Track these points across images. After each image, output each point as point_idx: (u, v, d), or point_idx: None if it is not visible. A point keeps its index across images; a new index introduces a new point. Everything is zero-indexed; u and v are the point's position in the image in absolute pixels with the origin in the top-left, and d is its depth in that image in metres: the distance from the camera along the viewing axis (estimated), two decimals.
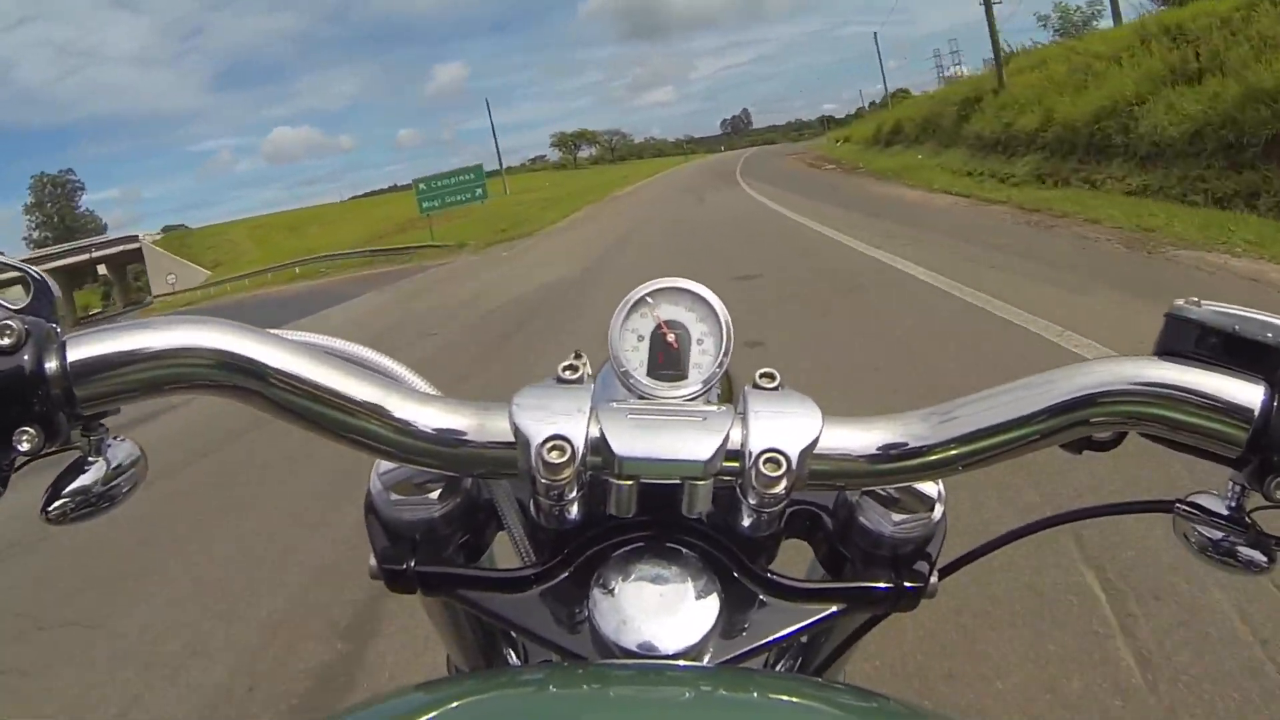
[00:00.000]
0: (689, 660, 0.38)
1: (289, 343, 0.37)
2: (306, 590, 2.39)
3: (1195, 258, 5.07)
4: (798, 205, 12.37)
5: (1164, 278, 4.67)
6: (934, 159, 16.09)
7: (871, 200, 11.87)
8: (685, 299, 0.41)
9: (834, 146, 36.38)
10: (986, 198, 9.96)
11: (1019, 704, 1.50)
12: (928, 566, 0.42)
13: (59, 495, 0.37)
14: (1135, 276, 4.74)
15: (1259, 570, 0.38)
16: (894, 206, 10.46)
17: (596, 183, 39.36)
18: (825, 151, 34.73)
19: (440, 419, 0.37)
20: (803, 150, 44.81)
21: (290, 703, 1.85)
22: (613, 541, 0.41)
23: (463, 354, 5.76)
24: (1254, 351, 0.36)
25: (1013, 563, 1.85)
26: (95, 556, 2.86)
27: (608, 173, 56.43)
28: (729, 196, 17.60)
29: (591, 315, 6.07)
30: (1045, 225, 7.21)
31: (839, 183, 17.15)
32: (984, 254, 6.00)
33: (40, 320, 0.35)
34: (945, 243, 6.80)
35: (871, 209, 10.11)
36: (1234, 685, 1.46)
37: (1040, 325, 3.83)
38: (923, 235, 7.43)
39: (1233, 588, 1.67)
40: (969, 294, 4.69)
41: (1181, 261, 5.04)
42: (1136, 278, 4.70)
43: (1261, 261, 4.81)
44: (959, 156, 14.74)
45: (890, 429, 0.38)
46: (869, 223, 8.76)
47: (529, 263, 12.01)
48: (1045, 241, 6.40)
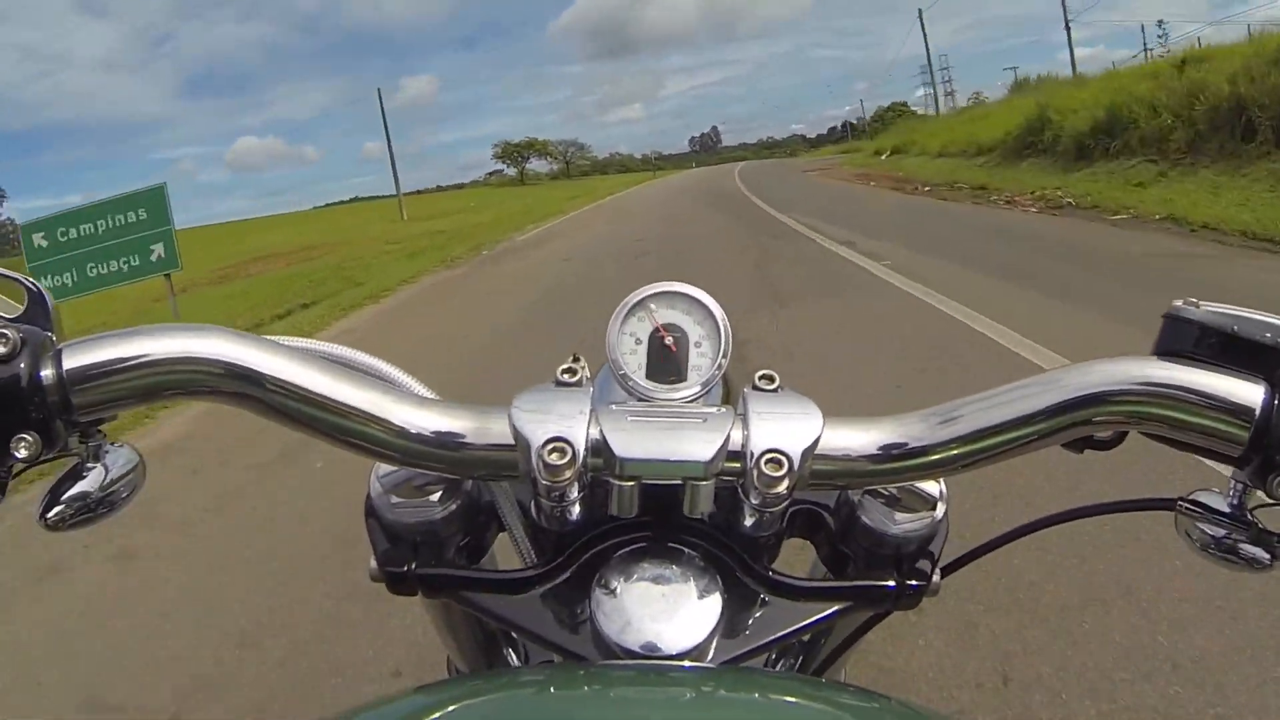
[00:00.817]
0: (691, 660, 0.38)
1: (286, 349, 0.38)
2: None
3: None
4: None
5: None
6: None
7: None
8: (682, 302, 0.41)
9: (877, 159, 25.12)
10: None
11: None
12: (930, 565, 0.42)
13: (57, 501, 0.37)
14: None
15: (1262, 568, 0.38)
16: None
17: (514, 210, 22.90)
18: (868, 166, 22.99)
19: (440, 422, 0.37)
20: (825, 165, 29.62)
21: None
22: (614, 542, 0.41)
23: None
24: (1253, 351, 0.36)
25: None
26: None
27: (555, 191, 42.07)
28: (817, 277, 6.12)
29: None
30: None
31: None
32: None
33: (36, 329, 0.36)
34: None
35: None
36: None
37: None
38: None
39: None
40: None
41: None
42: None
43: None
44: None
45: (891, 429, 0.38)
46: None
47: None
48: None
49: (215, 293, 12.90)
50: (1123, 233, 6.86)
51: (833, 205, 12.65)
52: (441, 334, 6.00)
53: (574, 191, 37.39)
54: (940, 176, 14.65)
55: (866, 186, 16.20)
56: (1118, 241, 6.43)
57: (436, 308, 7.49)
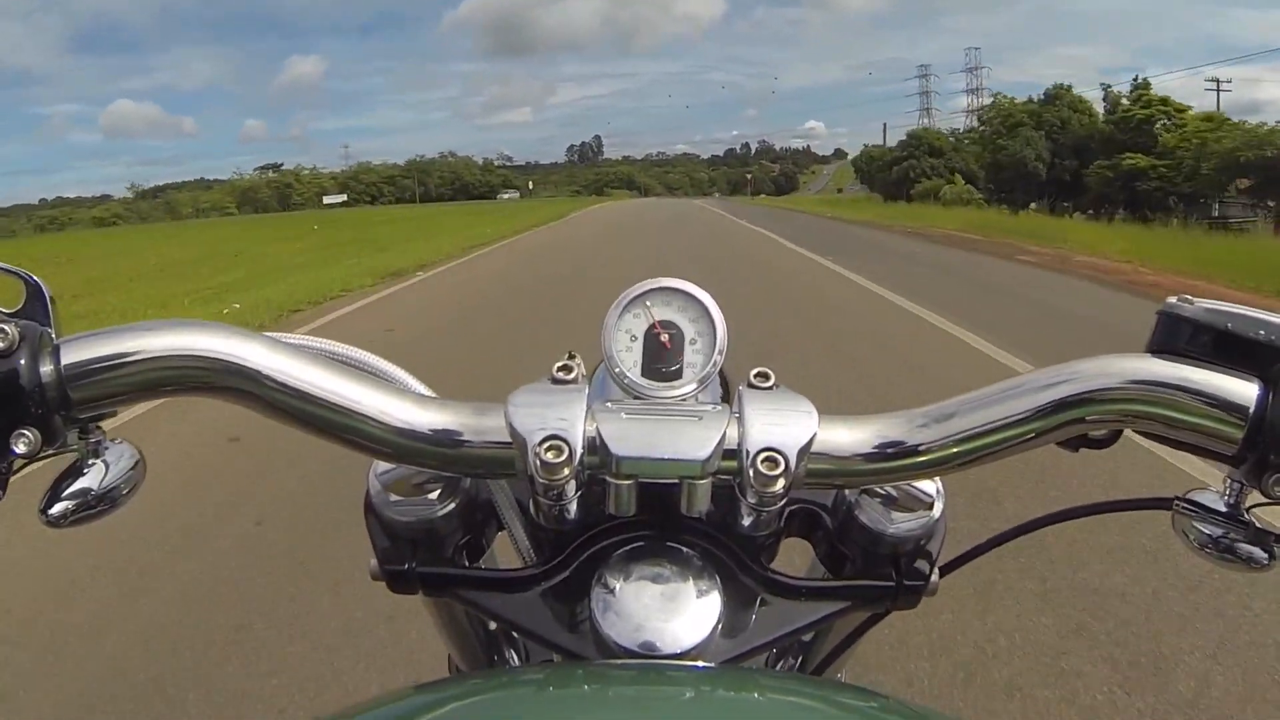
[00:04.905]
0: (690, 660, 0.38)
1: (283, 345, 0.38)
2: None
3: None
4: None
5: None
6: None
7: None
8: (678, 299, 0.40)
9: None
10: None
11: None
12: (928, 564, 0.42)
13: (58, 498, 0.37)
14: None
15: (1259, 567, 0.38)
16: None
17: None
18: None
19: (436, 419, 0.37)
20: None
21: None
22: (613, 541, 0.41)
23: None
24: (1247, 349, 0.36)
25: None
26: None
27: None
28: None
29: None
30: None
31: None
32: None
33: (34, 324, 0.36)
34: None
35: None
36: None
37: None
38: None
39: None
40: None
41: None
42: None
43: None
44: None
45: (886, 427, 0.38)
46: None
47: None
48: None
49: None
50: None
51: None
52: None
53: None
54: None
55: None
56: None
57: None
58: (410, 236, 20.07)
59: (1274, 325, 0.37)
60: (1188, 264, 10.10)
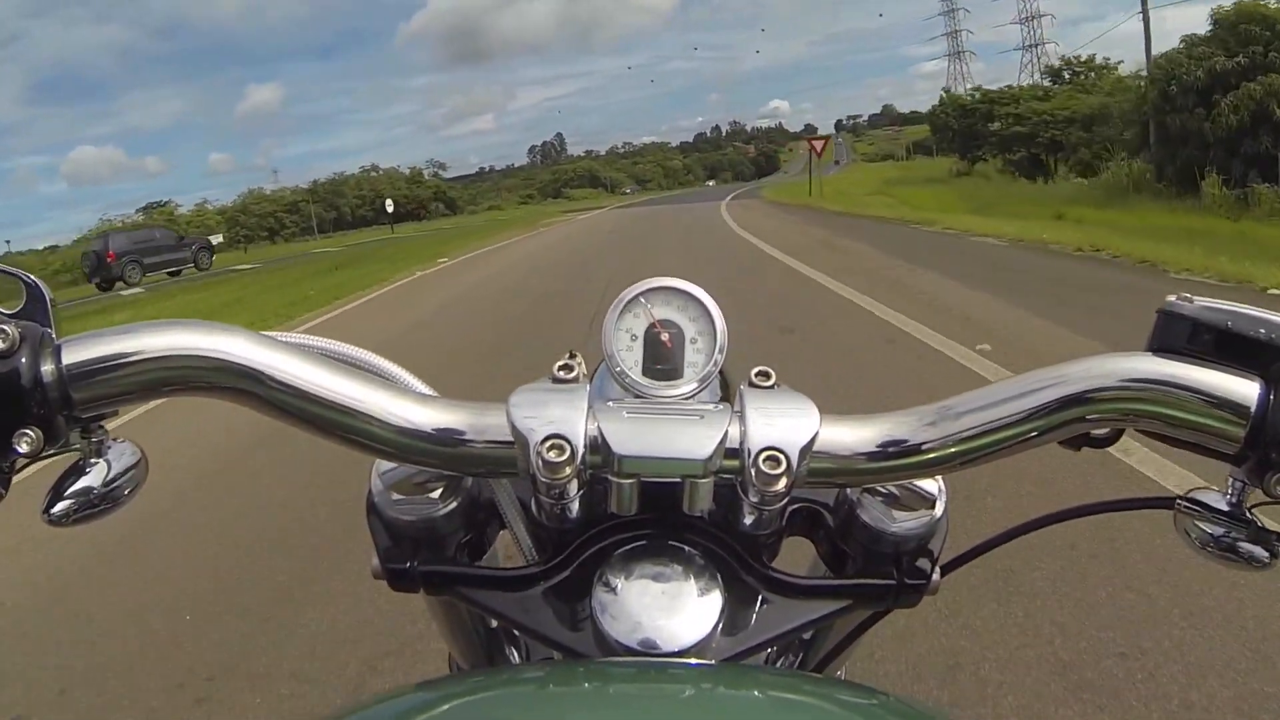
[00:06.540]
0: (692, 658, 0.38)
1: (285, 345, 0.38)
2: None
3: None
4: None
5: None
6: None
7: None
8: (678, 298, 0.40)
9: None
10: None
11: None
12: (929, 563, 0.42)
13: (61, 497, 0.37)
14: None
15: (1261, 566, 0.38)
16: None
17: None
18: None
19: (438, 418, 0.37)
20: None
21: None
22: (615, 540, 0.41)
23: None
24: (1247, 348, 0.36)
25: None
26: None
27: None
28: None
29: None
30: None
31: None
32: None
33: (35, 324, 0.36)
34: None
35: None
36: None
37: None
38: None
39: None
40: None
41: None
42: None
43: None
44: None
45: (888, 426, 0.38)
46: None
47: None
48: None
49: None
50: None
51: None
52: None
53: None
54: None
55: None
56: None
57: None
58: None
59: (1274, 324, 0.37)
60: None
